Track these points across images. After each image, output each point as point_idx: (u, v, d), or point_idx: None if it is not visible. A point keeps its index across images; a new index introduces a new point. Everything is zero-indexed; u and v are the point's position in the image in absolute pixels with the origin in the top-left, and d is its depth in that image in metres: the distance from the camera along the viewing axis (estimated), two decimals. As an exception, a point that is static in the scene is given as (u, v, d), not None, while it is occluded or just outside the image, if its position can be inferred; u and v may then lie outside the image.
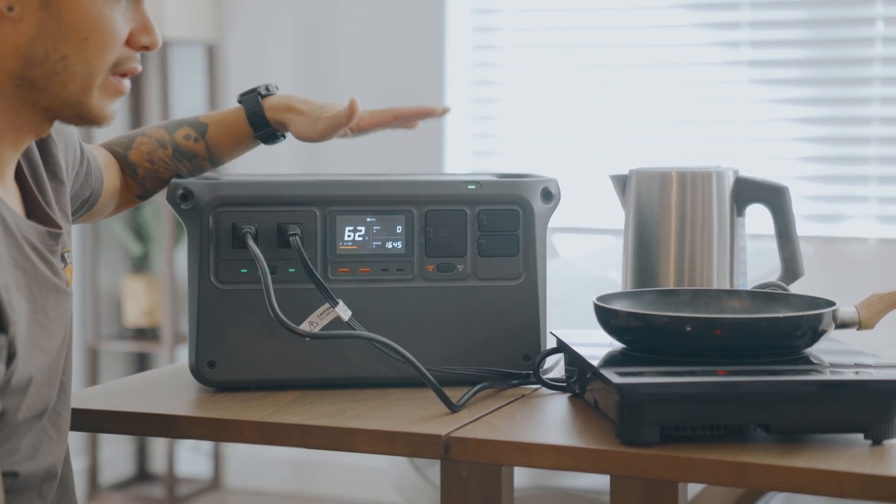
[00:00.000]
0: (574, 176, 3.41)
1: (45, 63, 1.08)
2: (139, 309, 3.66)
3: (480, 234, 1.34)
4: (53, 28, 1.07)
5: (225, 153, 1.42)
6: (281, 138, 1.43)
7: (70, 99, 1.10)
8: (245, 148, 1.43)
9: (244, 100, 1.41)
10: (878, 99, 3.25)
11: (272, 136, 1.41)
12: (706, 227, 1.50)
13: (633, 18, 3.43)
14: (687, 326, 1.18)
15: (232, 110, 1.42)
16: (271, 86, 1.42)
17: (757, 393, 1.09)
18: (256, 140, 1.42)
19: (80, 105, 1.11)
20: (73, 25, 1.07)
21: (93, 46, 1.08)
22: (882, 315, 1.26)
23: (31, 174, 1.17)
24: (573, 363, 1.27)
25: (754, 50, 3.34)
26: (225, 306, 1.30)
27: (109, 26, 1.09)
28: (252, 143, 1.42)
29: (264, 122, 1.40)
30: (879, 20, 3.23)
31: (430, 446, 1.14)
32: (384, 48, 3.52)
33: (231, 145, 1.42)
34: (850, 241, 3.27)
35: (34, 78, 1.08)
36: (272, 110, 1.40)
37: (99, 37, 1.08)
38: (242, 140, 1.42)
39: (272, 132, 1.41)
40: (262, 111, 1.40)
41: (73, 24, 1.07)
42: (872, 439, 1.10)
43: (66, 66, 1.08)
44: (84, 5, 1.07)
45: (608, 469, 1.09)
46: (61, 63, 1.08)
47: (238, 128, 1.41)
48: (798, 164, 3.32)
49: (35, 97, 1.10)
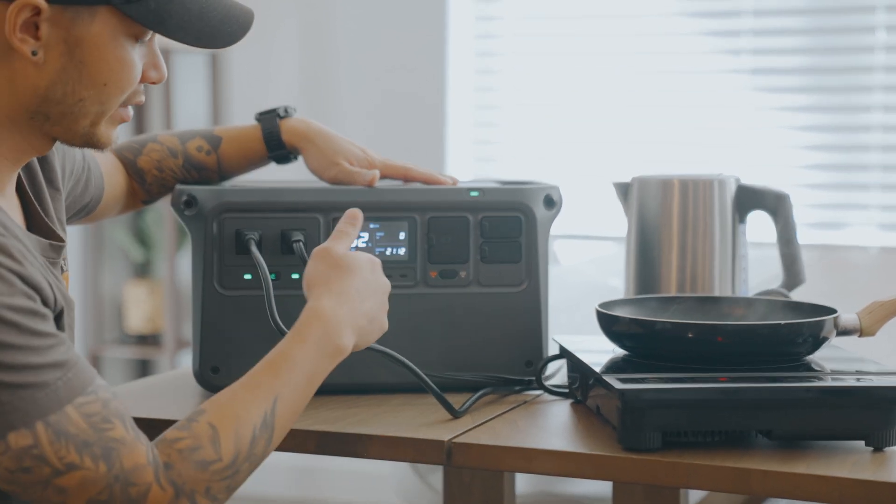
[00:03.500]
0: (576, 183, 3.41)
1: (62, 104, 1.09)
2: (141, 315, 3.66)
3: (483, 240, 1.34)
4: (74, 74, 1.07)
5: (235, 168, 1.43)
6: (293, 160, 1.44)
7: (80, 132, 1.12)
8: (256, 166, 1.44)
9: (262, 119, 1.41)
10: (879, 107, 3.25)
11: (285, 157, 1.42)
12: (708, 234, 1.50)
13: (635, 26, 3.44)
14: (689, 333, 1.18)
15: (247, 127, 1.42)
16: (290, 108, 1.42)
17: (758, 399, 1.09)
18: (269, 159, 1.43)
19: (88, 136, 1.12)
20: (94, 72, 1.08)
21: (111, 90, 1.09)
22: (883, 322, 1.27)
23: (30, 186, 1.18)
24: (575, 369, 1.28)
25: (756, 57, 3.35)
26: (228, 312, 1.31)
27: (129, 70, 1.10)
28: (264, 161, 1.43)
29: (280, 144, 1.41)
30: (880, 28, 3.24)
31: (432, 452, 1.14)
32: (386, 55, 3.53)
33: (242, 162, 1.42)
34: (852, 248, 3.27)
35: (49, 114, 1.09)
36: (289, 133, 1.40)
37: (118, 81, 1.09)
38: (255, 158, 1.42)
39: (286, 154, 1.42)
40: (279, 132, 1.40)
41: (94, 70, 1.08)
42: (873, 446, 1.10)
43: (82, 107, 1.09)
44: (107, 53, 1.07)
45: (610, 475, 1.10)
46: (78, 105, 1.09)
47: (252, 145, 1.41)
48: (799, 171, 3.33)
49: (47, 128, 1.11)
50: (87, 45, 1.06)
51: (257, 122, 1.42)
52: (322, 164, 1.39)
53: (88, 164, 1.34)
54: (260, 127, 1.41)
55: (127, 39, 1.08)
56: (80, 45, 1.06)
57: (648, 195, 1.52)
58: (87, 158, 1.33)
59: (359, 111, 3.53)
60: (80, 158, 1.31)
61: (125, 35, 1.08)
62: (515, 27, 3.55)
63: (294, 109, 1.43)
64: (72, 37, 1.06)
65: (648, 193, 1.52)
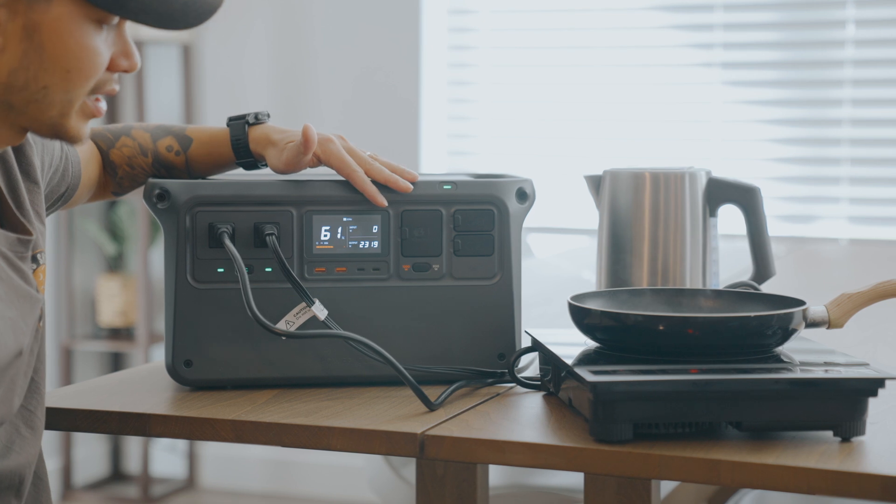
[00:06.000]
0: (549, 176, 3.43)
1: (25, 91, 1.07)
2: (114, 308, 3.64)
3: (456, 233, 1.35)
4: (36, 59, 1.06)
5: (203, 170, 1.42)
6: (260, 167, 1.42)
7: (48, 122, 1.10)
8: (224, 170, 1.42)
9: (232, 125, 1.39)
10: (849, 101, 3.28)
11: (253, 164, 1.41)
12: (679, 228, 1.51)
13: (607, 20, 3.45)
14: (660, 325, 1.19)
15: (218, 131, 1.40)
16: (261, 114, 1.39)
17: (728, 391, 1.10)
18: (237, 165, 1.41)
19: (58, 127, 1.11)
20: (55, 57, 1.06)
21: (74, 77, 1.08)
22: (851, 314, 1.28)
23: (4, 179, 1.17)
24: (547, 362, 1.29)
25: (727, 52, 3.37)
26: (201, 306, 1.31)
27: (92, 57, 1.08)
28: (232, 166, 1.42)
29: (247, 152, 1.39)
30: (850, 23, 3.27)
31: (405, 444, 1.15)
32: (360, 48, 3.52)
33: (211, 165, 1.41)
34: (822, 241, 3.30)
35: (13, 102, 1.08)
36: (255, 142, 1.38)
37: (81, 68, 1.08)
38: (223, 162, 1.41)
39: (253, 161, 1.40)
40: (247, 140, 1.38)
41: (55, 55, 1.06)
42: (841, 436, 1.11)
43: (46, 94, 1.08)
44: (67, 38, 1.06)
45: (582, 467, 1.11)
46: (42, 92, 1.07)
47: (220, 149, 1.40)
48: (770, 164, 3.35)
49: (13, 118, 1.10)
50: (46, 29, 1.05)
51: (228, 126, 1.40)
52: (275, 157, 1.35)
53: (66, 153, 1.33)
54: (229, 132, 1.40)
55: (90, 24, 1.07)
56: (38, 29, 1.05)
57: (620, 188, 1.53)
58: (64, 148, 1.32)
59: (332, 104, 3.53)
60: (58, 148, 1.31)
61: (87, 20, 1.06)
62: (489, 21, 3.55)
63: (266, 115, 1.40)
64: (30, 21, 1.05)
65: (620, 187, 1.53)
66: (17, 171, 1.18)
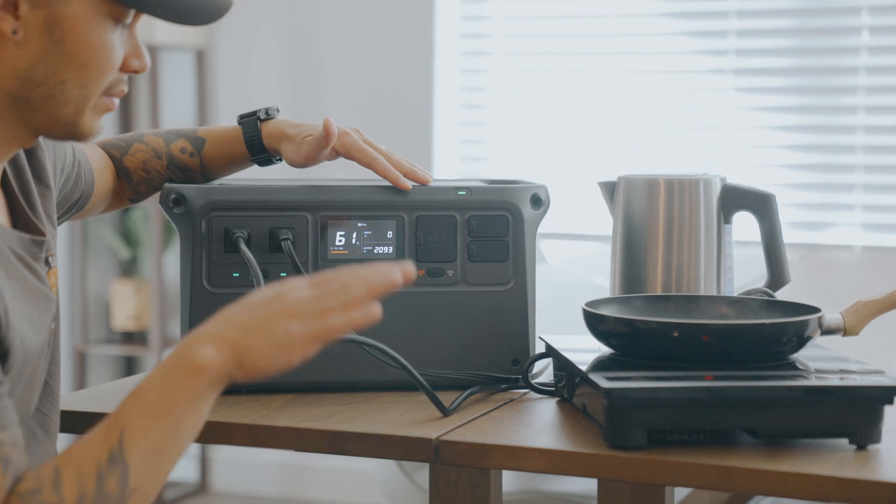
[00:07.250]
0: (563, 182, 3.42)
1: (43, 86, 1.08)
2: (127, 313, 3.65)
3: (470, 239, 1.35)
4: (55, 53, 1.07)
5: (218, 171, 1.43)
6: (275, 162, 1.43)
7: (63, 119, 1.11)
8: (239, 168, 1.43)
9: (243, 123, 1.40)
10: (863, 108, 3.27)
11: (268, 160, 1.42)
12: (693, 234, 1.51)
13: (621, 26, 3.45)
14: (675, 332, 1.19)
15: (230, 130, 1.42)
16: (272, 109, 1.41)
17: (743, 398, 1.10)
18: (252, 162, 1.42)
19: (72, 125, 1.12)
20: (74, 51, 1.08)
21: (91, 72, 1.09)
22: (867, 322, 1.28)
23: (17, 181, 1.18)
24: (562, 368, 1.29)
25: (741, 58, 3.36)
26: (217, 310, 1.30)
27: (108, 52, 1.09)
28: (247, 164, 1.43)
29: (261, 148, 1.40)
30: (865, 30, 3.26)
31: (420, 449, 1.15)
32: (373, 54, 3.53)
33: (226, 164, 1.42)
34: (836, 248, 3.29)
35: (30, 98, 1.09)
36: (268, 137, 1.39)
37: (98, 63, 1.09)
38: (238, 161, 1.42)
39: (268, 157, 1.41)
40: (260, 136, 1.39)
41: (74, 50, 1.08)
42: (857, 444, 1.11)
43: (63, 89, 1.09)
44: (86, 32, 1.07)
45: (595, 473, 1.11)
46: (59, 87, 1.09)
47: (234, 148, 1.41)
48: (784, 171, 3.34)
49: (29, 116, 1.11)
50: (66, 23, 1.06)
51: (239, 124, 1.41)
52: (293, 151, 1.37)
53: (79, 160, 1.34)
54: (241, 130, 1.40)
55: (107, 20, 1.08)
56: (59, 23, 1.06)
57: (634, 195, 1.53)
58: (76, 155, 1.33)
59: (345, 110, 3.53)
60: (70, 154, 1.31)
61: (105, 15, 1.08)
62: (502, 27, 3.56)
63: (276, 110, 1.41)
64: (51, 15, 1.06)
65: (634, 193, 1.53)
66: (29, 175, 1.19)
